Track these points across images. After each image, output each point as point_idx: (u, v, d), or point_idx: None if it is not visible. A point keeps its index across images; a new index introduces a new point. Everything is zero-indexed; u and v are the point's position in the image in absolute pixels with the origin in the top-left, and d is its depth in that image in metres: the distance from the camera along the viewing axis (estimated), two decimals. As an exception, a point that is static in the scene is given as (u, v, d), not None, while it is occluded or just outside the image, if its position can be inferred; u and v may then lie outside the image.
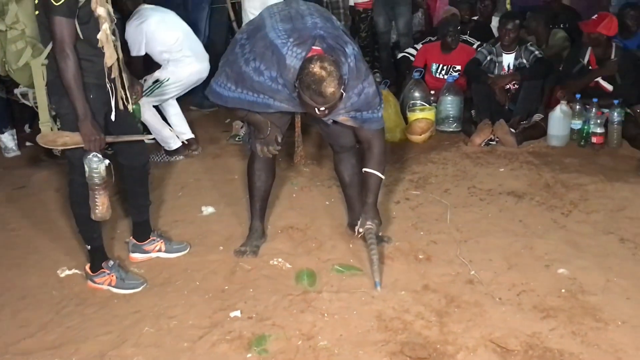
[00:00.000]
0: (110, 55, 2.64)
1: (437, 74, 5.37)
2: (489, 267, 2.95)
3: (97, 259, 2.93)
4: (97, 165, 2.62)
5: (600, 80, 4.68)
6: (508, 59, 4.87)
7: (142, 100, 3.65)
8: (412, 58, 5.65)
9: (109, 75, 2.69)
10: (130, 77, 2.92)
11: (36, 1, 2.54)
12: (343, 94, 2.60)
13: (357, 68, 2.68)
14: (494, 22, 5.91)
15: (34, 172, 4.44)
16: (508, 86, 4.83)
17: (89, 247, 2.92)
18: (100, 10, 2.56)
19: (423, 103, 5.00)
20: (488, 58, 4.91)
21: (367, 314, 2.63)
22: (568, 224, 3.36)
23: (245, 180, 3.31)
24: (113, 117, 2.76)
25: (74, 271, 3.08)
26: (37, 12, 2.56)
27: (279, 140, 3.00)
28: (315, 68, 2.49)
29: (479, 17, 6.10)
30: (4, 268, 3.19)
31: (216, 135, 5.10)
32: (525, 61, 4.81)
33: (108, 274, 2.91)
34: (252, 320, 2.62)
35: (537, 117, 4.72)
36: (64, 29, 2.48)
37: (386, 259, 3.04)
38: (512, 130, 4.57)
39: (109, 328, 2.64)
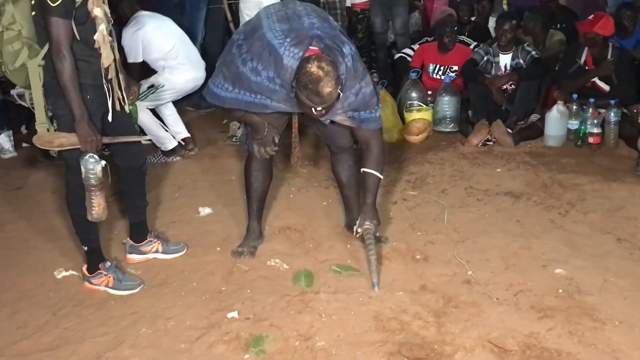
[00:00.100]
0: (107, 56, 2.63)
1: (434, 75, 5.38)
2: (486, 267, 2.95)
3: (94, 260, 2.93)
4: (93, 166, 2.61)
5: (596, 80, 4.69)
6: (505, 60, 4.87)
7: (136, 103, 3.64)
8: (409, 58, 5.65)
9: (105, 76, 2.68)
10: (127, 77, 2.92)
11: (33, 2, 2.54)
12: (340, 94, 2.60)
13: (354, 68, 2.68)
14: (491, 22, 5.93)
15: (31, 173, 4.43)
16: (505, 86, 4.83)
17: (86, 248, 2.92)
18: (97, 11, 2.55)
19: (420, 103, 5.01)
20: (485, 58, 4.92)
21: (365, 314, 2.63)
22: (565, 224, 3.36)
23: (242, 181, 3.30)
24: (110, 118, 2.76)
25: (71, 272, 3.07)
26: (33, 13, 2.55)
27: (276, 141, 2.99)
28: (313, 68, 2.49)
29: (476, 18, 6.11)
30: (0, 269, 3.18)
31: (213, 136, 5.09)
32: (522, 61, 4.81)
33: (105, 275, 2.91)
34: (250, 321, 2.62)
35: (534, 117, 4.73)
36: (60, 30, 2.47)
37: (384, 259, 3.04)
38: (509, 130, 4.57)
39: (106, 329, 2.63)
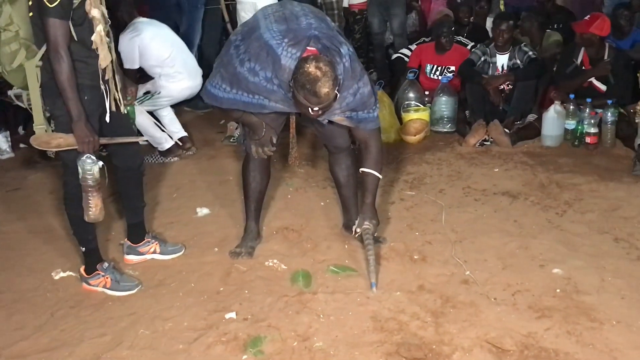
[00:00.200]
0: (104, 57, 2.63)
1: (432, 75, 5.38)
2: (484, 268, 2.96)
3: (91, 261, 2.92)
4: (90, 166, 2.61)
5: (593, 80, 4.69)
6: (502, 60, 4.88)
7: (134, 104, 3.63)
8: (406, 59, 5.65)
9: (102, 76, 2.68)
10: (123, 78, 2.92)
11: (30, 3, 2.53)
12: (337, 95, 2.60)
13: (352, 68, 2.68)
14: (489, 23, 5.92)
15: (28, 174, 4.42)
16: (502, 87, 4.83)
17: (84, 249, 2.91)
18: (95, 11, 2.55)
19: (417, 104, 5.01)
20: (482, 59, 4.92)
21: (363, 314, 2.63)
22: (563, 223, 3.37)
23: (240, 181, 3.30)
24: (108, 119, 2.75)
25: (68, 273, 3.07)
26: (31, 14, 2.55)
27: (274, 141, 2.99)
28: (311, 68, 2.49)
29: (474, 19, 6.10)
30: (-2, 270, 3.18)
31: (211, 136, 5.09)
32: (519, 62, 4.82)
33: (103, 276, 2.90)
34: (248, 322, 2.62)
35: (531, 117, 4.73)
36: (57, 31, 2.46)
37: (381, 259, 3.03)
38: (507, 130, 4.58)
39: (103, 330, 2.63)
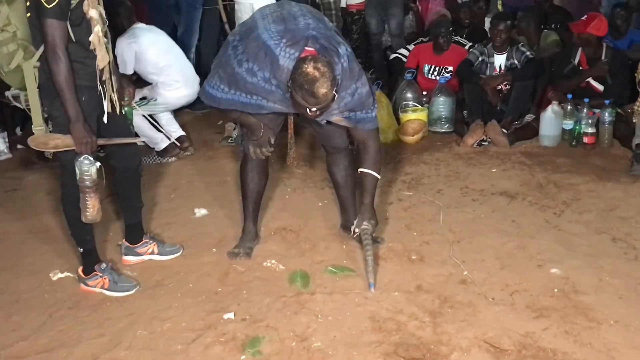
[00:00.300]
0: (102, 58, 2.62)
1: (429, 75, 5.38)
2: (482, 268, 2.96)
3: (89, 262, 2.92)
4: (88, 167, 2.61)
5: (591, 80, 4.70)
6: (500, 60, 4.88)
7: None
8: (404, 59, 5.65)
9: (100, 77, 2.68)
10: (120, 79, 2.91)
11: (28, 3, 2.52)
12: (335, 95, 2.60)
13: (350, 68, 2.68)
14: (486, 23, 5.93)
15: (26, 175, 4.42)
16: (500, 87, 4.84)
17: (82, 249, 2.91)
18: (93, 12, 2.54)
19: (415, 104, 5.01)
20: (480, 59, 4.92)
21: (361, 315, 2.63)
22: (560, 223, 3.37)
23: (238, 182, 3.30)
24: (105, 120, 2.75)
25: (66, 274, 3.06)
26: (28, 15, 2.54)
27: (272, 141, 2.99)
28: (309, 68, 2.49)
29: (473, 19, 6.10)
30: (-5, 271, 3.18)
31: (209, 137, 5.09)
32: (516, 62, 4.82)
33: (101, 276, 2.90)
34: (246, 322, 2.62)
35: (529, 117, 4.74)
36: (55, 32, 2.46)
37: (379, 259, 3.04)
38: (504, 130, 4.58)
39: (101, 331, 2.63)
